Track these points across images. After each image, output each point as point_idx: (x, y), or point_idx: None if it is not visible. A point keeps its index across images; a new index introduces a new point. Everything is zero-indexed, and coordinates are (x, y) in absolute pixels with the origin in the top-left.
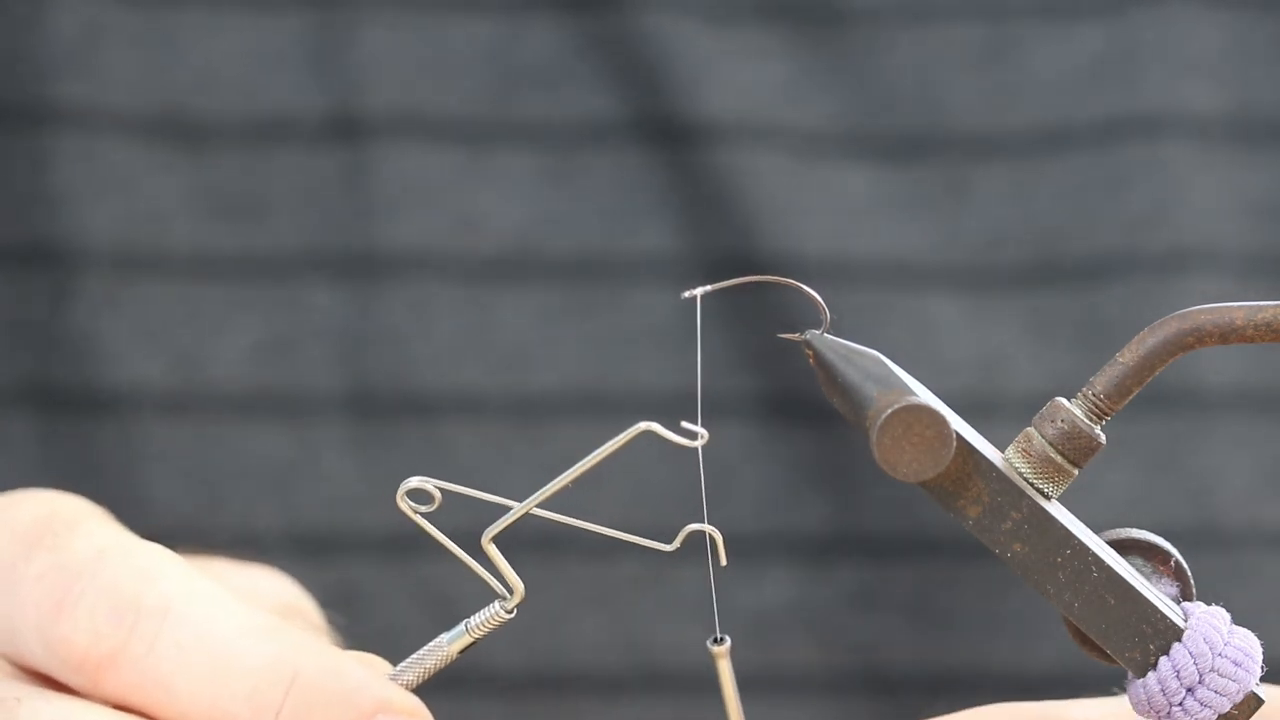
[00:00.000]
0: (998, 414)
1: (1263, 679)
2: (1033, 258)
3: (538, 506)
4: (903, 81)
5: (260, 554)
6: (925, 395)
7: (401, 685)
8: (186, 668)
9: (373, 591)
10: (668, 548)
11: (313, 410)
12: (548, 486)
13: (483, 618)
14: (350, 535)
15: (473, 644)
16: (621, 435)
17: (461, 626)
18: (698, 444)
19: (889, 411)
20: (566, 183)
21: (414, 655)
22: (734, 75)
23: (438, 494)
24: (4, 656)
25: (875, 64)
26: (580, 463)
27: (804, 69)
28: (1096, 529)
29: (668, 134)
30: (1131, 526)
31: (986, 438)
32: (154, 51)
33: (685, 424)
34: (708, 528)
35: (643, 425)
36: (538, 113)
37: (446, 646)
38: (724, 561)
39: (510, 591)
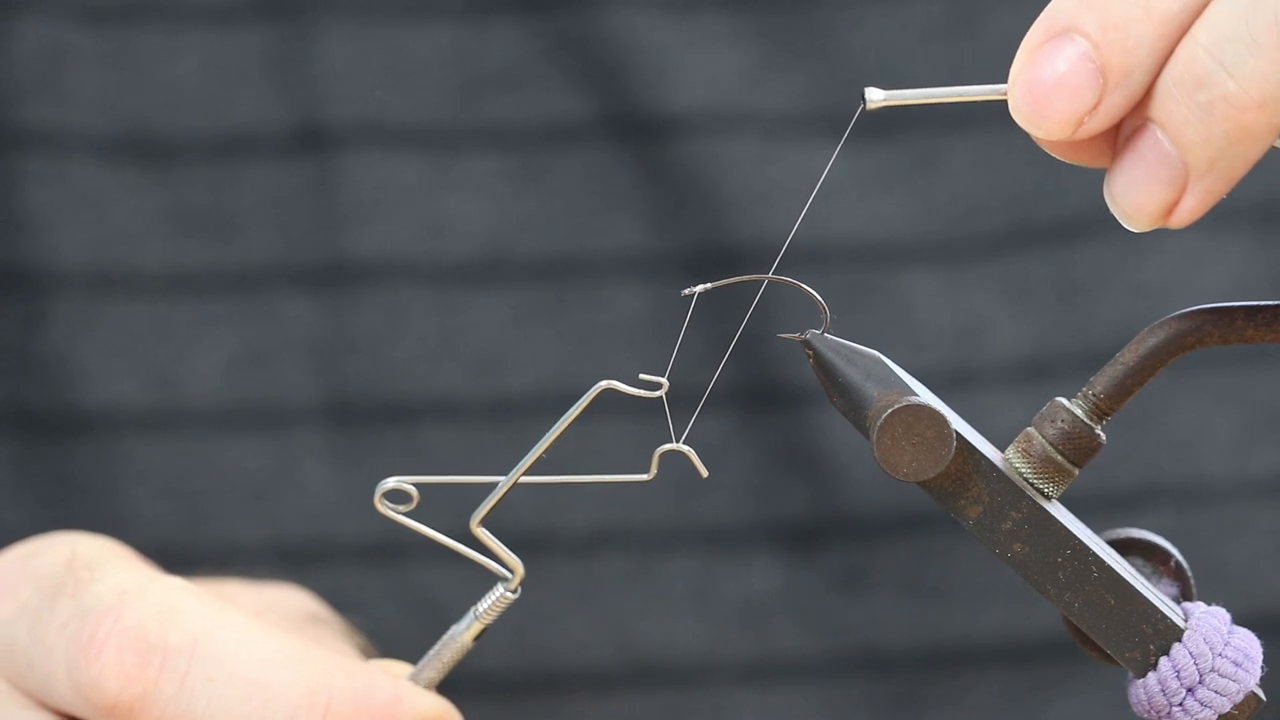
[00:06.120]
0: (980, 382)
1: (1258, 631)
2: (1005, 224)
3: (521, 478)
4: (866, 58)
5: (245, 567)
6: (925, 395)
7: (424, 682)
8: (219, 703)
9: (358, 599)
10: (645, 477)
11: (290, 421)
12: (523, 460)
13: (490, 602)
14: (333, 544)
15: (484, 630)
16: (584, 397)
17: (471, 614)
18: (660, 394)
19: (889, 412)
20: (535, 184)
21: (431, 651)
22: (697, 64)
23: (415, 492)
24: (40, 705)
25: (838, 42)
26: (550, 431)
27: (767, 52)
28: (1084, 489)
29: (634, 129)
30: (1118, 485)
31: (971, 406)
32: (118, 71)
33: (643, 375)
34: (681, 446)
35: (603, 384)
36: (502, 115)
37: (460, 636)
38: (704, 474)
39: (511, 572)
